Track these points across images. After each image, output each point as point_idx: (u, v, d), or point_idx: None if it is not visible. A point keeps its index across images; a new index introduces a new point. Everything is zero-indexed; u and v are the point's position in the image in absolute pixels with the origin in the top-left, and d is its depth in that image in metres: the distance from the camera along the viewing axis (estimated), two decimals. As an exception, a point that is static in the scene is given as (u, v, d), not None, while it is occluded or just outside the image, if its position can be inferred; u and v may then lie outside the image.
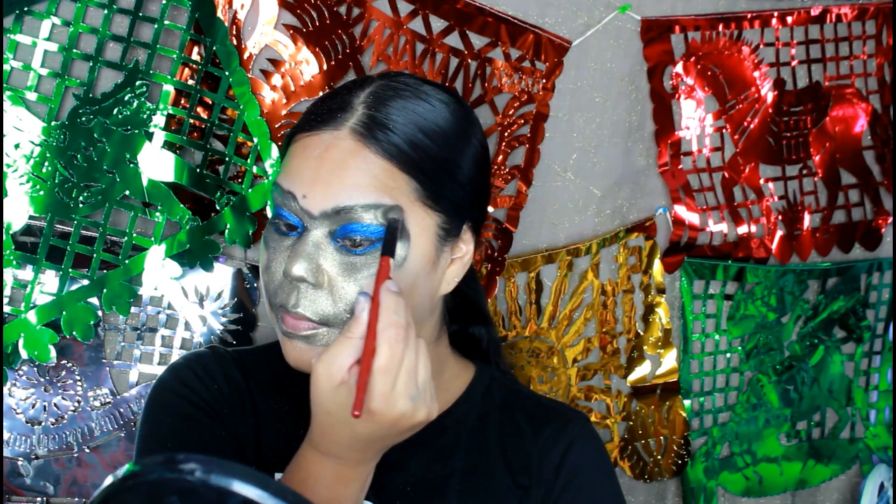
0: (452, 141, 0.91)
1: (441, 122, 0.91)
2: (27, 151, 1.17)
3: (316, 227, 0.87)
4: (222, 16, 1.23)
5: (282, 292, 0.88)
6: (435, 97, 0.92)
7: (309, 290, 0.86)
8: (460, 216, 0.92)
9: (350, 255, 0.86)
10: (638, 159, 1.46)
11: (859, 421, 1.69)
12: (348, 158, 0.86)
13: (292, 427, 0.97)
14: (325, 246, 0.87)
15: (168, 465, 0.59)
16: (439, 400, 0.99)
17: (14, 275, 1.20)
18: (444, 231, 0.91)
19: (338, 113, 0.89)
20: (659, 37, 1.42)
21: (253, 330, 1.31)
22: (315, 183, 0.86)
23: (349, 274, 0.86)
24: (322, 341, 0.88)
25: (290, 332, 0.88)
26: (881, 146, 1.61)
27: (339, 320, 0.87)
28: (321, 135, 0.88)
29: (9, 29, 1.17)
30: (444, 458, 0.97)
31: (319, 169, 0.86)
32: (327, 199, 0.86)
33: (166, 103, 1.21)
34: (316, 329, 0.88)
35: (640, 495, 1.54)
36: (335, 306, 0.87)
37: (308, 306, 0.87)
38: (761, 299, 1.55)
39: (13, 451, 1.24)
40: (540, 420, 1.00)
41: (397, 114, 0.88)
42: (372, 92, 0.90)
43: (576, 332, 1.45)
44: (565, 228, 1.44)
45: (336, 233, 0.86)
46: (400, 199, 0.87)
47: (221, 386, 0.98)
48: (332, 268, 0.86)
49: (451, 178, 0.91)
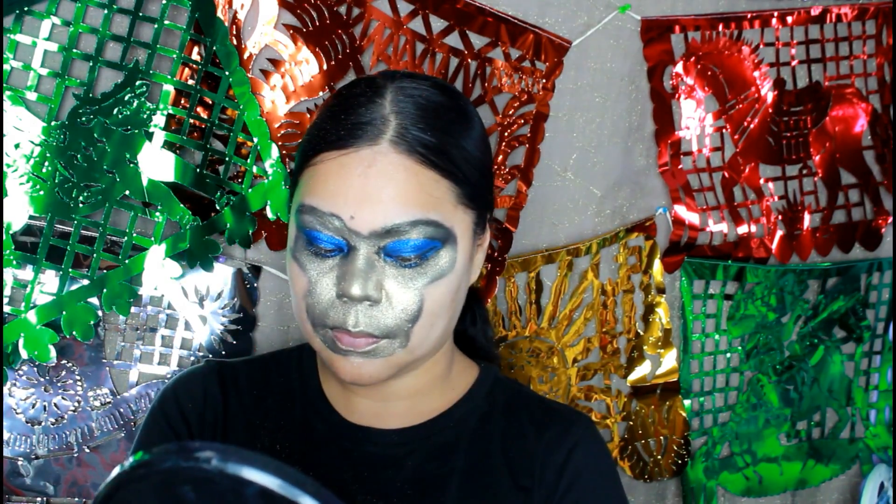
0: (478, 141, 0.93)
1: (469, 124, 0.92)
2: (27, 151, 1.17)
3: (364, 244, 0.86)
4: (222, 16, 1.23)
5: (334, 313, 0.88)
6: (450, 95, 0.93)
7: (368, 307, 0.87)
8: (488, 208, 0.96)
9: (402, 268, 0.87)
10: (638, 159, 1.46)
11: (859, 421, 1.69)
12: (393, 173, 0.85)
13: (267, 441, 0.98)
14: (377, 262, 0.87)
15: (182, 453, 0.59)
16: (445, 398, 1.00)
17: (14, 275, 1.20)
18: (476, 225, 0.93)
19: (369, 127, 0.87)
20: (659, 37, 1.42)
21: (253, 330, 1.31)
22: (363, 202, 0.85)
23: (406, 285, 0.87)
24: (383, 353, 0.89)
25: (347, 349, 0.88)
26: (881, 146, 1.61)
27: (401, 330, 0.88)
28: (359, 151, 0.86)
29: (9, 29, 1.17)
30: (444, 456, 0.97)
31: (366, 187, 0.85)
32: (376, 218, 0.85)
33: (166, 103, 1.21)
34: (377, 342, 0.88)
35: (640, 495, 1.54)
36: (397, 318, 0.88)
37: (370, 323, 0.87)
38: (761, 299, 1.55)
39: (13, 451, 1.24)
40: (543, 422, 1.00)
41: (427, 119, 0.88)
42: (395, 100, 0.89)
43: (576, 332, 1.45)
44: (565, 228, 1.44)
45: (385, 249, 0.86)
46: (446, 206, 0.88)
47: (198, 405, 1.00)
48: (389, 282, 0.87)
49: (483, 176, 0.93)
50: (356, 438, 0.97)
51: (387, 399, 0.98)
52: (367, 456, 0.96)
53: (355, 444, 0.97)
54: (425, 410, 0.98)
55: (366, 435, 0.97)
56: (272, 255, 1.31)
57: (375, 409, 0.98)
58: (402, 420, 0.98)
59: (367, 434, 0.97)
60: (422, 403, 0.99)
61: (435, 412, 0.98)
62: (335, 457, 0.96)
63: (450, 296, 0.90)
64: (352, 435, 0.97)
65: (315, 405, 1.00)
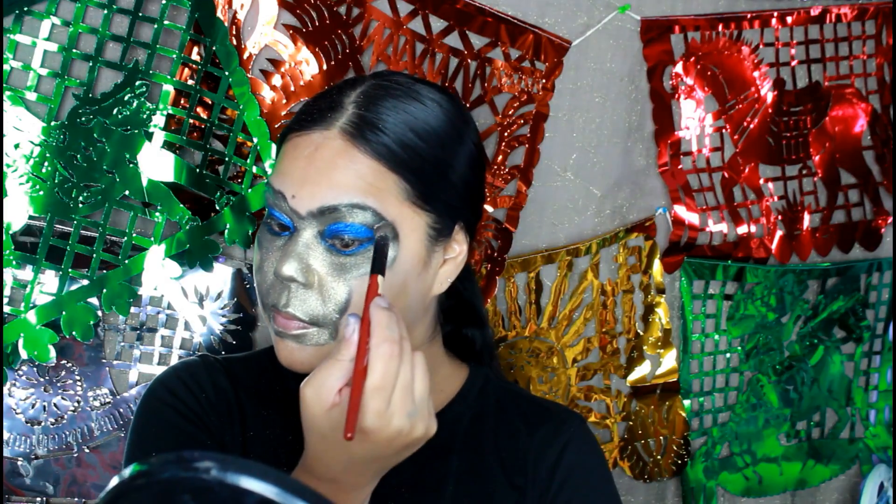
0: (444, 141, 0.91)
1: (433, 121, 0.90)
2: (27, 151, 1.17)
3: (305, 227, 0.87)
4: (222, 16, 1.23)
5: (273, 292, 0.89)
6: (428, 97, 0.91)
7: (299, 290, 0.87)
8: (452, 216, 0.92)
9: (340, 255, 0.87)
10: (638, 159, 1.46)
11: (859, 421, 1.69)
12: (336, 158, 0.86)
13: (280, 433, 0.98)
14: (315, 246, 0.87)
15: (181, 463, 0.59)
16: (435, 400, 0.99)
17: (14, 275, 1.20)
18: (435, 231, 0.91)
19: (328, 113, 0.89)
20: (659, 37, 1.42)
21: (253, 330, 1.31)
22: (304, 183, 0.87)
23: (339, 274, 0.87)
24: (312, 341, 0.88)
25: (281, 331, 0.89)
26: (881, 146, 1.61)
27: (329, 320, 0.87)
28: (311, 135, 0.88)
29: (9, 29, 1.17)
30: (439, 459, 0.96)
31: (308, 169, 0.87)
32: (314, 199, 0.86)
33: (166, 103, 1.21)
34: (306, 329, 0.88)
35: (639, 495, 1.54)
36: (325, 306, 0.87)
37: (298, 306, 0.87)
38: (761, 299, 1.55)
39: (13, 451, 1.24)
40: (535, 420, 1.00)
41: (388, 113, 0.88)
42: (363, 91, 0.90)
43: (575, 332, 1.45)
44: (565, 228, 1.44)
45: (325, 233, 0.86)
46: (388, 199, 0.87)
47: (209, 394, 0.98)
48: (322, 268, 0.87)
49: (442, 178, 0.90)
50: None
51: None
52: None
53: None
54: None
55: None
56: (272, 255, 1.31)
57: None
58: None
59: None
60: None
61: None
62: None
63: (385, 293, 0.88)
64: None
65: None
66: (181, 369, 1.01)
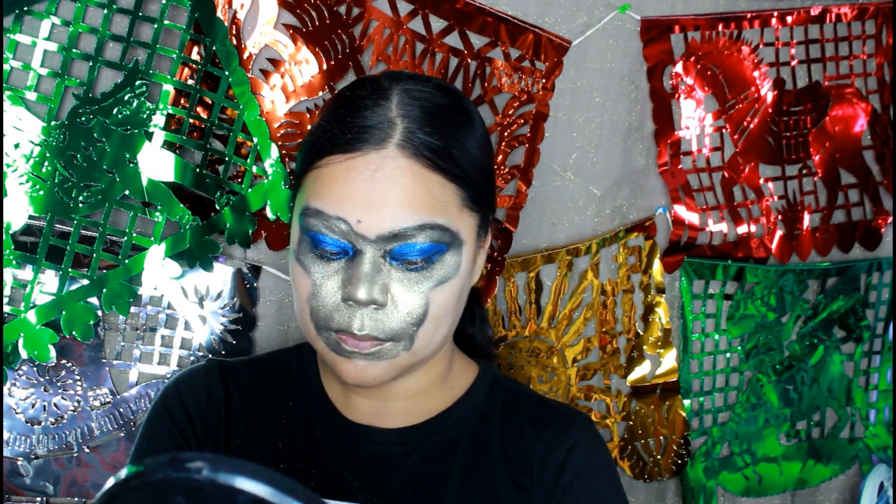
0: (482, 143, 0.94)
1: (473, 126, 0.93)
2: (27, 151, 1.17)
3: (369, 248, 0.86)
4: (222, 16, 1.23)
5: (339, 316, 0.88)
6: (449, 96, 0.93)
7: (373, 310, 0.87)
8: (490, 210, 0.96)
9: (408, 271, 0.87)
10: (638, 159, 1.46)
11: (859, 421, 1.69)
12: (401, 178, 0.85)
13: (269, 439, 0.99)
14: (383, 265, 0.87)
15: (173, 464, 0.59)
16: (444, 398, 1.00)
17: (14, 275, 1.20)
18: (480, 228, 0.94)
19: (375, 130, 0.87)
20: (659, 36, 1.42)
21: (253, 330, 1.31)
22: (370, 206, 0.85)
23: (412, 288, 0.87)
24: (387, 356, 0.89)
25: (351, 351, 0.88)
26: (881, 146, 1.61)
27: (406, 333, 0.88)
28: (366, 155, 0.86)
29: (9, 29, 1.17)
30: (443, 455, 0.97)
31: (373, 192, 0.85)
32: (383, 222, 0.85)
33: (166, 103, 1.21)
34: (381, 345, 0.88)
35: (639, 495, 1.54)
36: (402, 322, 0.88)
37: (375, 327, 0.87)
38: (761, 299, 1.55)
39: (13, 451, 1.24)
40: (543, 421, 1.00)
41: (436, 123, 0.88)
42: (400, 102, 0.89)
43: (575, 332, 1.45)
44: (565, 228, 1.44)
45: (392, 252, 0.86)
46: (451, 210, 0.88)
47: (201, 403, 1.00)
48: (395, 286, 0.87)
49: (486, 180, 0.93)
50: (356, 437, 0.97)
51: (386, 399, 0.98)
52: (368, 455, 0.96)
53: (356, 443, 0.97)
54: (425, 410, 0.99)
55: (366, 434, 0.97)
56: (272, 255, 1.31)
57: (375, 408, 0.98)
58: (402, 420, 0.98)
59: (368, 433, 0.97)
60: (421, 403, 0.99)
61: (434, 412, 0.99)
62: (336, 455, 0.97)
63: (454, 299, 0.91)
64: (352, 434, 0.97)
65: (316, 404, 1.00)
66: (182, 382, 1.02)
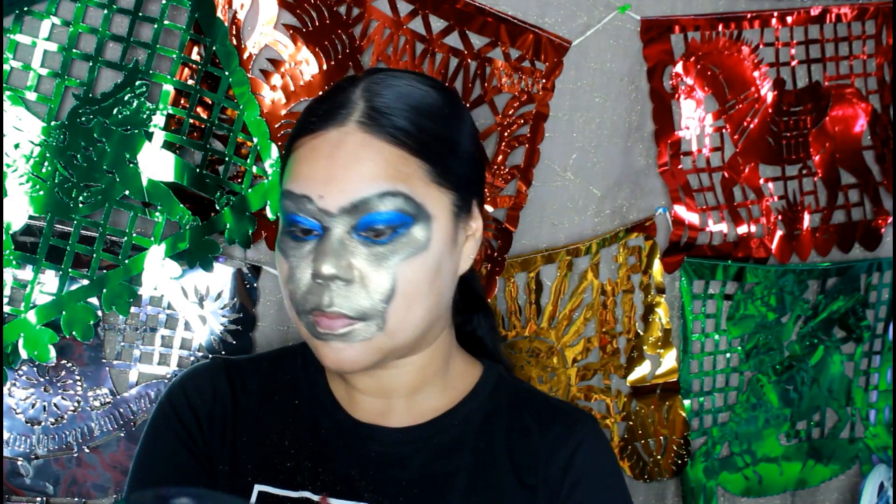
0: (449, 119, 0.94)
1: (435, 103, 0.93)
2: (27, 151, 1.17)
3: (336, 224, 0.88)
4: (222, 16, 1.23)
5: (312, 296, 0.89)
6: (422, 81, 0.95)
7: (342, 287, 0.88)
8: (469, 192, 0.96)
9: (376, 245, 0.88)
10: (638, 159, 1.46)
11: (859, 421, 1.69)
12: (359, 151, 0.88)
13: (275, 437, 0.99)
14: (350, 241, 0.88)
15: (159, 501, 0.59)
16: (446, 397, 1.00)
17: (14, 275, 1.20)
18: (458, 208, 0.94)
19: (339, 110, 0.90)
20: (659, 37, 1.42)
21: (253, 330, 1.31)
22: (329, 181, 0.87)
23: (378, 264, 0.88)
24: (359, 337, 0.89)
25: (325, 333, 0.89)
26: (881, 146, 1.61)
27: (376, 312, 0.89)
28: (327, 133, 0.89)
29: (9, 29, 1.17)
30: (449, 455, 0.97)
31: (332, 167, 0.88)
32: (344, 195, 0.87)
33: (166, 103, 1.21)
34: (353, 325, 0.89)
35: (639, 495, 1.54)
36: (370, 298, 0.88)
37: (343, 303, 0.88)
38: (761, 299, 1.55)
39: (13, 451, 1.24)
40: (548, 420, 1.00)
41: (396, 101, 0.90)
42: (366, 86, 0.92)
43: (575, 332, 1.45)
44: (565, 228, 1.44)
45: (357, 226, 0.88)
46: (415, 183, 0.89)
47: (207, 401, 1.01)
48: (361, 261, 0.88)
49: (455, 156, 0.93)
50: (362, 436, 0.97)
51: (387, 396, 0.98)
52: (373, 454, 0.96)
53: (361, 442, 0.97)
54: (428, 409, 0.99)
55: (371, 433, 0.97)
56: (272, 255, 1.31)
57: (378, 406, 0.98)
58: (406, 419, 0.98)
59: (373, 432, 0.97)
60: (423, 402, 0.99)
61: (438, 411, 0.99)
62: (342, 454, 0.97)
63: (426, 276, 0.90)
64: (358, 433, 0.98)
65: (321, 402, 1.00)
66: (187, 380, 1.03)
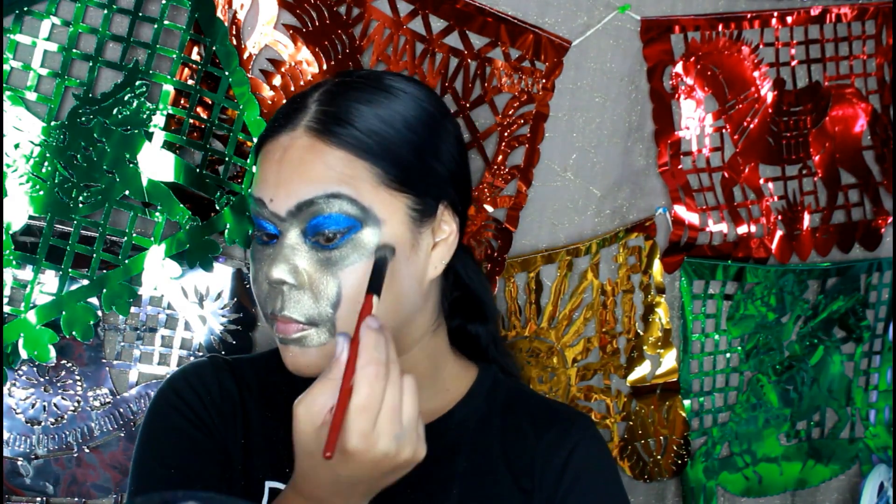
0: (414, 125, 0.92)
1: (400, 108, 0.92)
2: (27, 151, 1.17)
3: (288, 229, 0.89)
4: (222, 16, 1.23)
5: (269, 300, 0.90)
6: (396, 86, 0.93)
7: (292, 291, 0.88)
8: (434, 196, 0.93)
9: (324, 250, 0.88)
10: (638, 159, 1.46)
11: (859, 421, 1.69)
12: (304, 154, 0.88)
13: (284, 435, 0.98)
14: (300, 246, 0.89)
15: None
16: (438, 401, 0.99)
17: (14, 275, 1.20)
18: (417, 212, 0.91)
19: (295, 114, 0.91)
20: (659, 37, 1.42)
21: (253, 330, 1.31)
22: (278, 185, 0.88)
23: (326, 269, 0.88)
24: (313, 342, 0.89)
25: (282, 337, 0.90)
26: (881, 146, 1.61)
27: (325, 318, 0.88)
28: (280, 138, 0.90)
29: (9, 29, 1.17)
30: (445, 460, 0.96)
31: (280, 171, 0.89)
32: (290, 198, 0.88)
33: (166, 103, 1.21)
34: (305, 330, 0.89)
35: (639, 495, 1.54)
36: (318, 304, 0.88)
37: (293, 308, 0.88)
38: (761, 299, 1.55)
39: (13, 451, 1.24)
40: (543, 422, 0.99)
41: (351, 105, 0.90)
42: (325, 90, 0.92)
43: (575, 332, 1.45)
44: (565, 228, 1.44)
45: (307, 230, 0.88)
46: (361, 186, 0.88)
47: (215, 396, 1.00)
48: (310, 266, 0.88)
49: (418, 160, 0.91)
50: None
51: None
52: None
53: None
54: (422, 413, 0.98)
55: None
56: (272, 255, 1.31)
57: None
58: None
59: None
60: None
61: (433, 415, 0.98)
62: None
63: None
64: None
65: None
66: (190, 372, 1.02)
